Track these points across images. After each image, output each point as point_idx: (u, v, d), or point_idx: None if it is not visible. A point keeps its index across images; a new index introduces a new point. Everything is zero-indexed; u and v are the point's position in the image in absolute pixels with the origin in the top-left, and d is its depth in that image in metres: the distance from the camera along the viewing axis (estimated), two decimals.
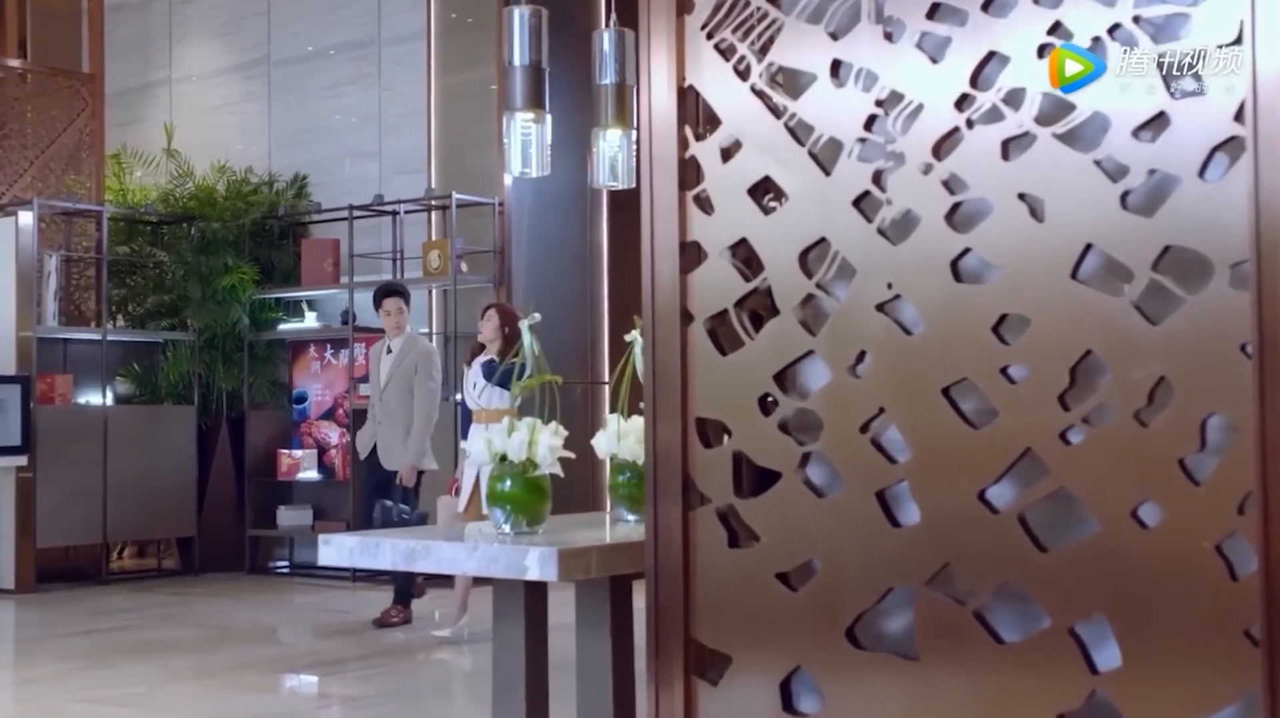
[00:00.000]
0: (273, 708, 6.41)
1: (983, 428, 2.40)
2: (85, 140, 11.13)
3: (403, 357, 8.57)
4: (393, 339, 8.64)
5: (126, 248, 11.31)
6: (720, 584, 2.67)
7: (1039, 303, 2.35)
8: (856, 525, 2.52)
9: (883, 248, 2.50)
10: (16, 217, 10.10)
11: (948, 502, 2.43)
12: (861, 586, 2.52)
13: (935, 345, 2.45)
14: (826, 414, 2.57)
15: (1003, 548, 2.37)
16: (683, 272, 2.71)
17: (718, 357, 2.68)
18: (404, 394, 8.53)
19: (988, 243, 2.40)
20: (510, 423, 3.26)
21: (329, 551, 3.27)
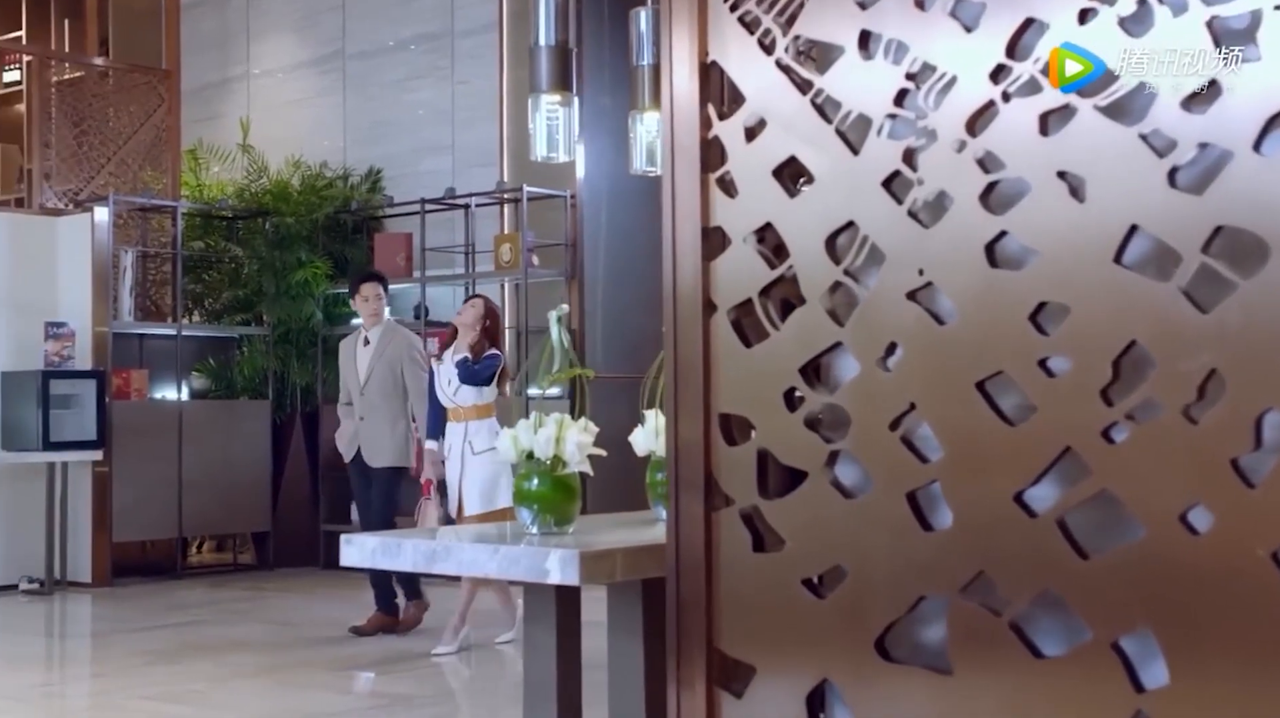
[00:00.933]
0: (322, 707, 6.33)
1: (1020, 425, 2.23)
2: (162, 136, 11.17)
3: (383, 347, 8.08)
4: (370, 329, 8.15)
5: (202, 243, 11.33)
6: (744, 590, 2.52)
7: (1080, 290, 2.17)
8: (886, 529, 2.35)
9: (914, 232, 2.33)
10: (93, 213, 10.15)
11: (982, 504, 2.26)
12: (891, 593, 2.35)
13: (969, 336, 2.28)
14: (854, 410, 2.41)
15: (1041, 554, 2.20)
16: (705, 259, 2.56)
17: (742, 349, 2.53)
18: (387, 387, 8.05)
19: (1025, 225, 2.22)
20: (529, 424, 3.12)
21: (350, 551, 3.16)
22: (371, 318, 8.10)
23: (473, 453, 7.32)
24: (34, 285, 10.11)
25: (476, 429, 7.34)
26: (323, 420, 11.05)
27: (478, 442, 7.32)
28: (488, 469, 7.24)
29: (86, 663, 7.99)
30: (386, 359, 8.02)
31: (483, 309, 7.46)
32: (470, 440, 7.35)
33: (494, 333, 7.51)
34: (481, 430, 7.33)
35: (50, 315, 10.01)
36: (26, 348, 9.89)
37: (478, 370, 7.26)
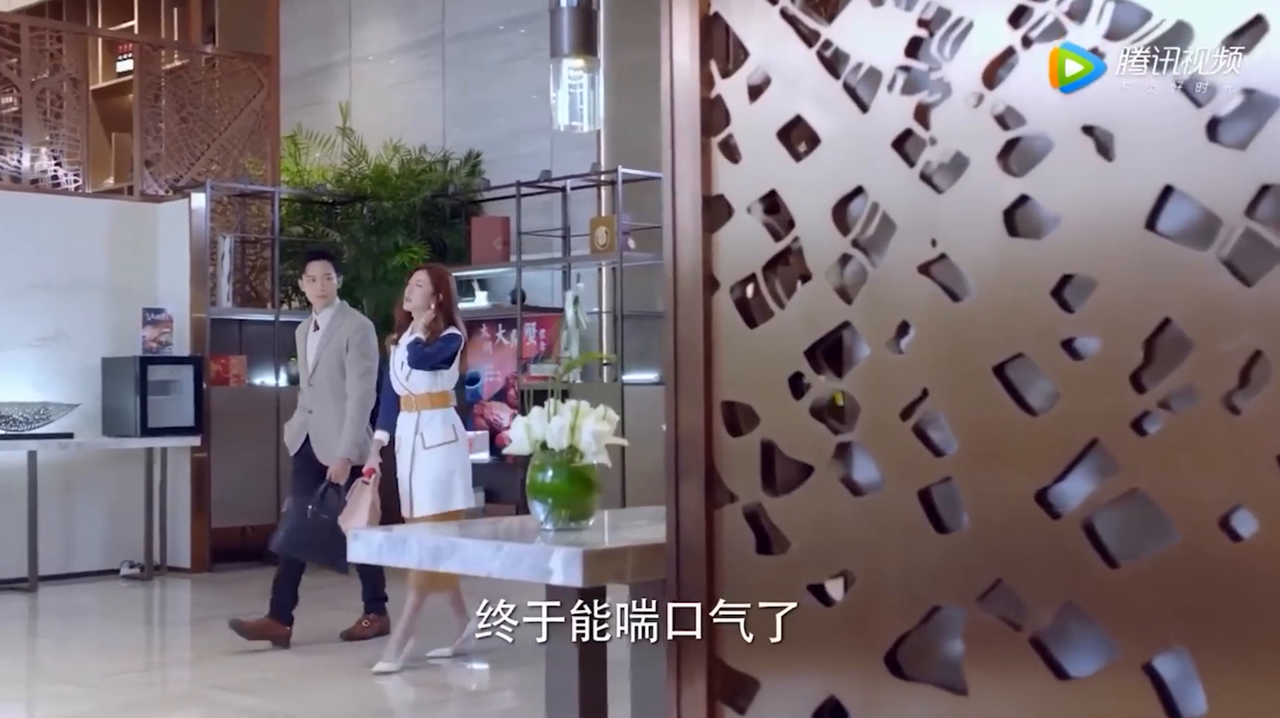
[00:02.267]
0: (385, 700, 6.20)
1: (1042, 415, 1.97)
2: (262, 122, 11.16)
3: (331, 333, 7.21)
4: (320, 312, 7.27)
5: (301, 229, 11.30)
6: (747, 596, 2.28)
7: (1108, 261, 1.90)
8: (897, 530, 2.11)
9: (926, 197, 2.08)
10: (190, 199, 10.15)
11: (1000, 504, 2.00)
12: (903, 602, 2.11)
13: (986, 315, 2.02)
14: (863, 397, 2.16)
15: (1064, 561, 1.94)
16: (707, 230, 2.33)
17: (745, 329, 2.29)
18: (335, 376, 7.18)
19: (1047, 188, 1.96)
20: (543, 412, 2.90)
21: (357, 546, 2.98)
22: (320, 299, 7.25)
23: (424, 447, 6.54)
24: (134, 272, 10.14)
25: (429, 420, 6.55)
26: None
27: (430, 434, 6.54)
28: (440, 465, 6.53)
29: (175, 650, 7.96)
30: (334, 346, 7.21)
31: (430, 285, 6.61)
32: (422, 432, 6.55)
33: (449, 308, 6.65)
34: (434, 421, 6.55)
35: (150, 302, 10.03)
36: (126, 334, 9.92)
37: (429, 354, 6.49)
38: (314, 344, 7.23)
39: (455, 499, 6.54)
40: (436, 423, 6.54)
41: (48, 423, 9.40)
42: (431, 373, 6.50)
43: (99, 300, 9.91)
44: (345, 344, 7.16)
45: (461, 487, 6.59)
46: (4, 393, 9.41)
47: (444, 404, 6.57)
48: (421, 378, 6.50)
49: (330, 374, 7.18)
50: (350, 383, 7.11)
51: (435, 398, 6.55)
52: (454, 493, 6.54)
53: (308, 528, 6.89)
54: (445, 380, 6.57)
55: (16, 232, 9.59)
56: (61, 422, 9.48)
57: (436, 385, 6.55)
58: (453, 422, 6.59)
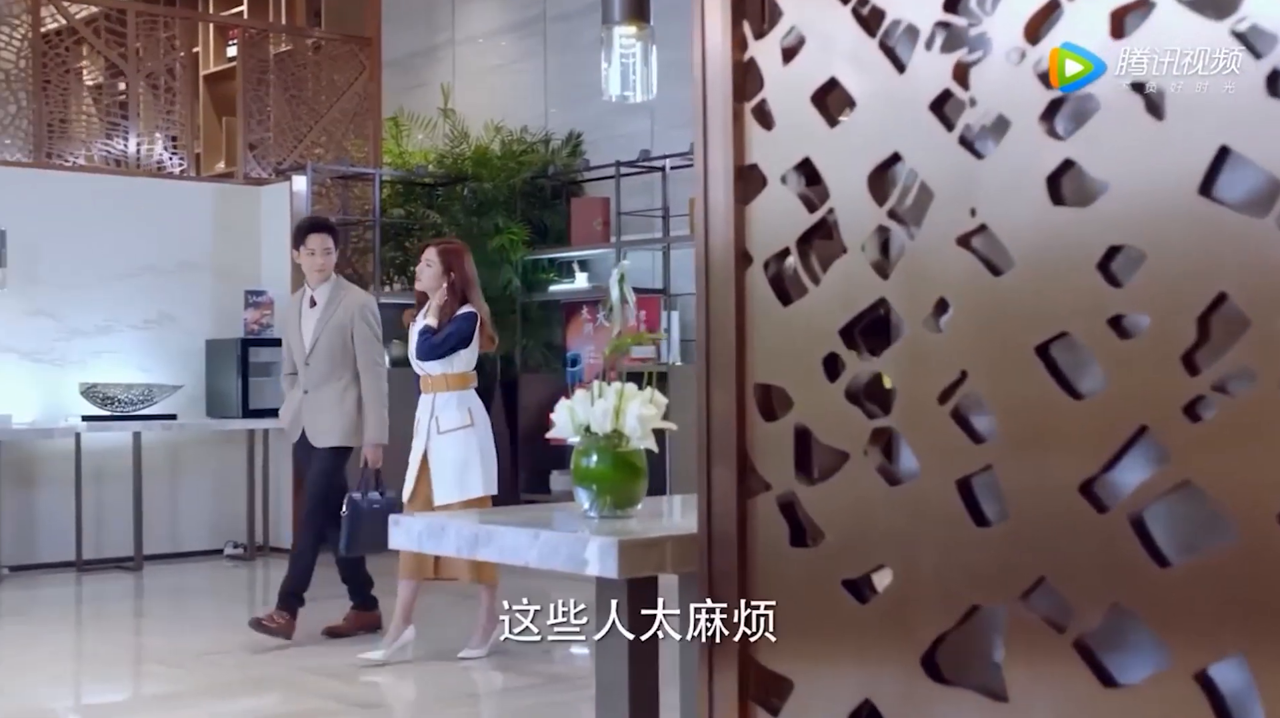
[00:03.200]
0: (472, 686, 6.14)
1: (1087, 399, 1.80)
2: (364, 105, 11.17)
3: (331, 309, 6.82)
4: (316, 287, 6.86)
5: (401, 210, 11.30)
6: (780, 591, 2.15)
7: (1158, 230, 1.73)
8: (934, 523, 1.96)
9: (965, 164, 1.92)
10: (291, 181, 10.18)
11: (1042, 496, 1.84)
12: (940, 600, 1.95)
13: (1028, 290, 1.86)
14: (899, 379, 2.01)
15: (1111, 559, 1.77)
16: (739, 201, 2.19)
17: (779, 308, 2.15)
18: (335, 355, 6.80)
19: (1093, 151, 1.79)
20: (586, 394, 2.78)
21: (398, 533, 2.89)
22: (317, 274, 6.87)
23: (438, 431, 6.22)
24: (238, 254, 10.20)
25: (445, 403, 6.22)
26: (521, 390, 10.92)
27: (445, 418, 6.22)
28: (457, 451, 6.19)
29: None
30: (335, 323, 6.82)
31: (440, 264, 6.25)
32: (437, 416, 6.23)
33: (464, 285, 6.29)
34: (450, 405, 6.21)
35: (252, 284, 10.09)
36: (229, 316, 9.99)
37: (436, 344, 6.16)
38: (311, 321, 6.86)
39: (474, 486, 6.23)
40: (452, 406, 6.22)
41: (152, 404, 9.49)
42: (450, 354, 6.19)
43: (203, 283, 9.99)
44: (350, 321, 6.82)
45: (481, 473, 6.26)
46: (110, 374, 9.52)
47: (461, 386, 6.26)
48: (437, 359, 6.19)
49: (330, 354, 6.81)
50: (364, 364, 6.80)
51: (452, 379, 6.22)
52: (472, 480, 6.23)
53: (369, 521, 6.53)
54: (462, 361, 6.25)
55: (124, 215, 9.69)
56: (165, 403, 9.57)
57: (453, 366, 6.23)
58: (470, 405, 6.27)
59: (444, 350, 6.16)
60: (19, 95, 9.70)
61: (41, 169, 9.63)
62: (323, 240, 6.87)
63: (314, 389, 6.85)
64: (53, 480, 9.37)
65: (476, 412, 6.30)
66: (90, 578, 9.14)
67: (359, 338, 6.80)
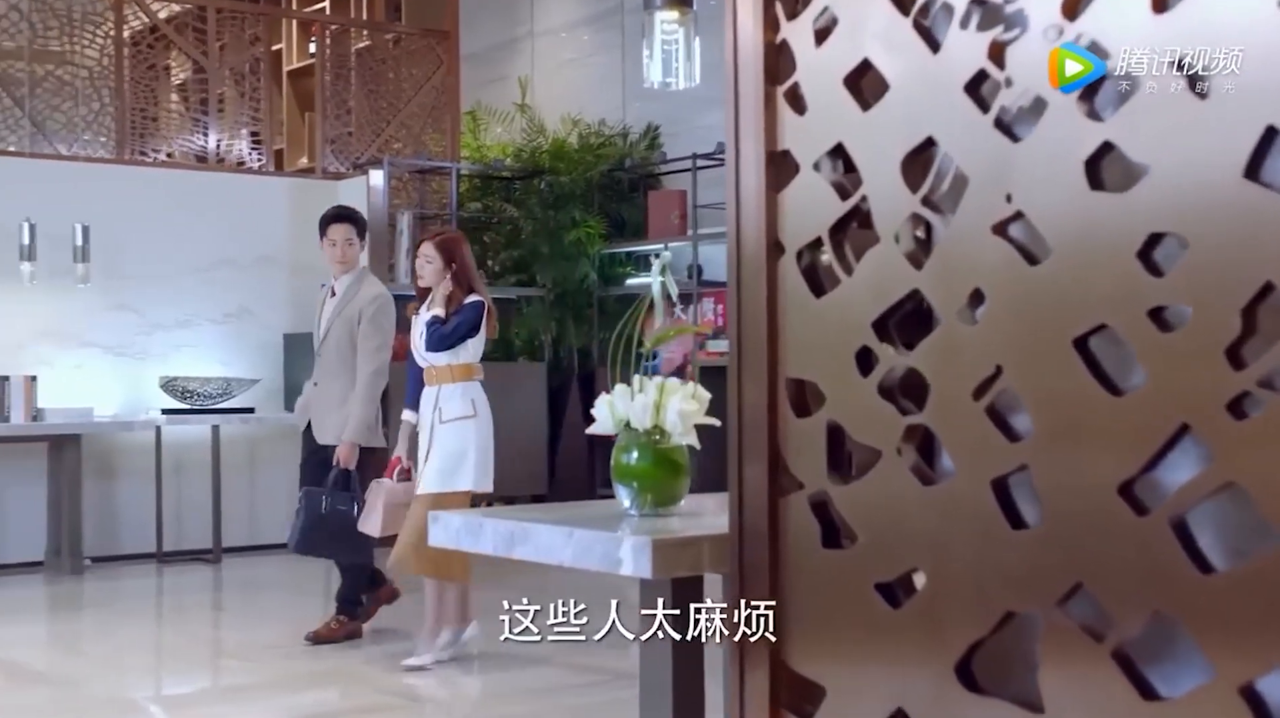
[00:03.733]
0: (545, 681, 6.09)
1: (1127, 395, 1.71)
2: (441, 99, 11.18)
3: (345, 302, 6.64)
4: (339, 278, 6.74)
5: (479, 204, 11.29)
6: (813, 593, 2.07)
7: (1200, 215, 1.63)
8: (968, 524, 1.87)
9: (1001, 147, 1.83)
10: (368, 175, 10.21)
11: (1079, 497, 1.74)
12: (974, 605, 1.86)
13: (1065, 280, 1.76)
14: (932, 374, 1.92)
15: (1151, 564, 1.67)
16: (771, 189, 2.11)
17: (812, 300, 2.07)
18: (344, 349, 6.59)
19: (1133, 132, 1.70)
20: (626, 389, 2.71)
21: (437, 529, 2.84)
22: (339, 265, 6.74)
23: (440, 422, 6.00)
24: (315, 248, 10.17)
25: (449, 394, 6.03)
26: (598, 384, 10.87)
27: (448, 408, 6.01)
28: (453, 442, 5.97)
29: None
30: (345, 316, 6.61)
31: (440, 259, 6.05)
32: (440, 407, 6.02)
33: (467, 275, 6.13)
34: (454, 396, 6.01)
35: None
36: (306, 310, 10.01)
37: (446, 334, 5.98)
38: (328, 312, 6.73)
39: (461, 479, 5.97)
40: (456, 397, 6.03)
41: (230, 398, 9.56)
42: (458, 345, 6.04)
43: (281, 277, 10.04)
44: (358, 316, 6.59)
45: (474, 467, 5.99)
46: (189, 368, 9.60)
47: (466, 377, 6.08)
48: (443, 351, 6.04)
49: (339, 346, 6.61)
50: (360, 359, 6.55)
51: (456, 370, 6.07)
52: (461, 472, 5.96)
53: (322, 523, 6.32)
54: (468, 352, 6.09)
55: (204, 211, 9.77)
56: (243, 397, 9.63)
57: (458, 357, 6.07)
58: (473, 396, 6.08)
59: (454, 340, 6.02)
60: (102, 93, 9.81)
61: (124, 165, 9.73)
62: (344, 231, 6.73)
63: (323, 382, 6.67)
64: (133, 473, 9.47)
65: (480, 404, 6.11)
66: (170, 570, 9.23)
67: (361, 331, 6.57)
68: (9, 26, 9.55)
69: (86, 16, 9.78)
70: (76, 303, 9.25)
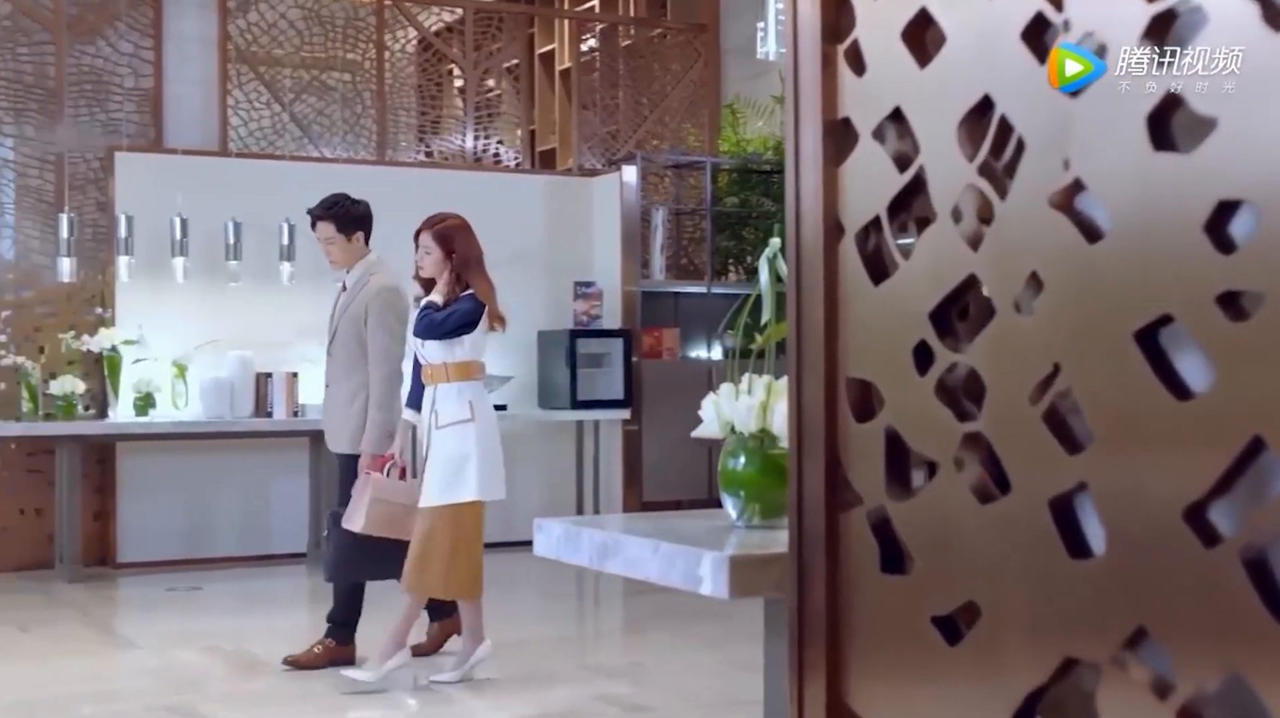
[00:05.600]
0: None
1: (1193, 400, 1.40)
2: (700, 93, 11.04)
3: (353, 296, 6.11)
4: (348, 272, 6.18)
5: (736, 199, 11.11)
6: (873, 625, 1.80)
7: (1274, 179, 1.31)
8: (1025, 551, 1.58)
9: (1058, 104, 1.53)
10: (621, 171, 10.15)
11: (1141, 522, 1.44)
12: (1032, 648, 1.58)
13: (1124, 260, 1.46)
14: (988, 373, 1.64)
15: (1221, 606, 1.36)
16: (831, 163, 1.85)
17: (871, 289, 1.81)
18: (351, 348, 6.06)
19: (1201, 80, 1.39)
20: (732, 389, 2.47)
21: (541, 538, 2.66)
22: (334, 266, 6.25)
23: (436, 426, 5.59)
24: (569, 245, 10.26)
25: (445, 395, 5.59)
26: None
27: (444, 411, 5.58)
28: (450, 448, 5.54)
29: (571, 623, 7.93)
30: (353, 313, 6.09)
31: (439, 249, 5.63)
32: (436, 409, 5.61)
33: (468, 267, 5.68)
34: (450, 397, 5.58)
35: (584, 275, 10.12)
36: (560, 307, 10.05)
37: (438, 322, 5.53)
38: (338, 310, 6.24)
39: (463, 489, 5.54)
40: (451, 398, 5.60)
41: None
42: (446, 341, 5.59)
43: (536, 274, 10.08)
44: (364, 313, 6.06)
45: (477, 475, 5.56)
46: None
47: (463, 377, 5.62)
48: (436, 346, 5.60)
49: (346, 345, 6.11)
50: (371, 362, 6.02)
51: (453, 370, 5.60)
52: (464, 482, 5.53)
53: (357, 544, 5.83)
54: (465, 349, 5.63)
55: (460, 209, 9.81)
56: (498, 394, 9.68)
57: (455, 355, 5.61)
58: (470, 397, 5.63)
59: (446, 329, 5.57)
60: (364, 96, 10.03)
61: (384, 166, 9.92)
62: (323, 230, 6.17)
63: (332, 384, 6.23)
64: None
65: (479, 405, 5.67)
66: None
67: (370, 326, 6.04)
68: (278, 35, 9.86)
69: (349, 22, 10.01)
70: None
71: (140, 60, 9.45)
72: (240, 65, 9.75)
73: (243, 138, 9.71)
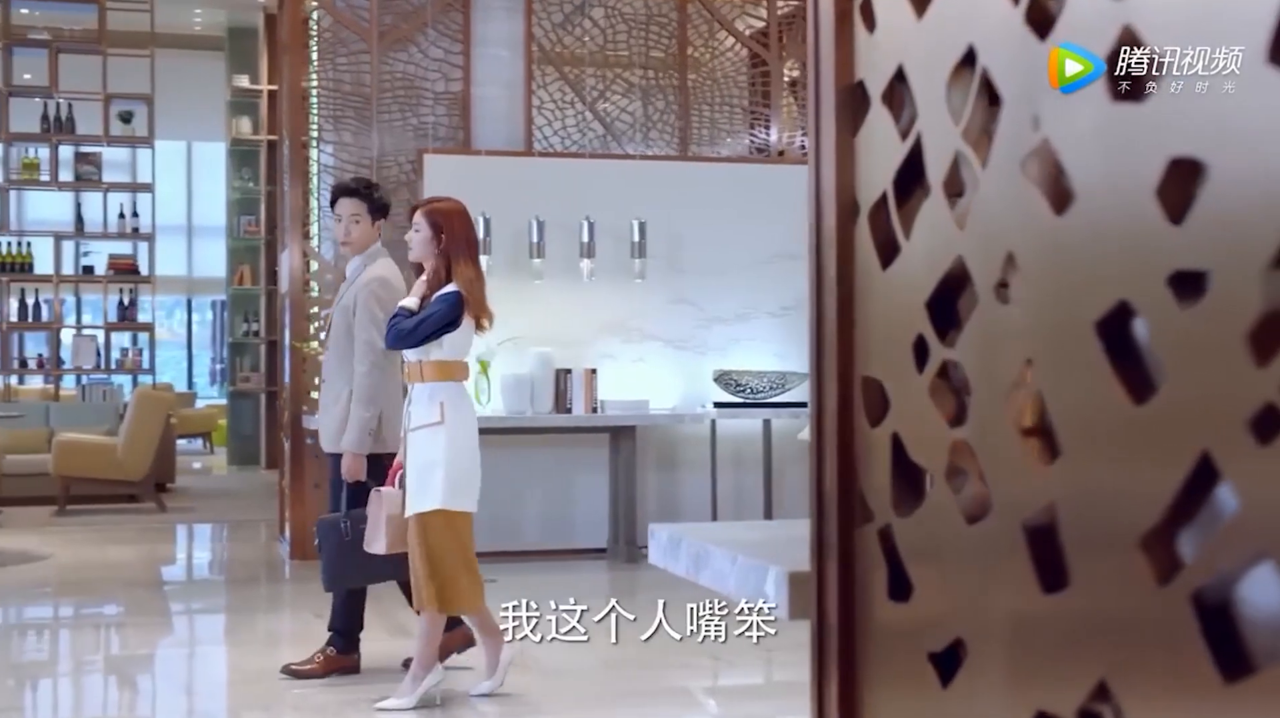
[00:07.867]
0: None
1: (1147, 403, 1.15)
2: None
3: (348, 287, 5.77)
4: (350, 261, 5.87)
5: None
6: (881, 660, 1.59)
7: (1217, 128, 1.06)
8: (1002, 580, 1.34)
9: (1033, 53, 1.29)
10: None
11: (1100, 551, 1.20)
12: (1008, 696, 1.34)
13: (1085, 234, 1.22)
14: (971, 371, 1.40)
15: (1173, 654, 1.11)
16: (846, 133, 1.64)
17: (880, 274, 1.59)
18: (341, 343, 5.73)
19: (1151, 13, 1.13)
20: None
21: (653, 545, 2.51)
22: (345, 245, 5.91)
23: (410, 429, 5.19)
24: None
25: (418, 397, 5.16)
26: None
27: (415, 413, 5.16)
28: (421, 454, 5.11)
29: None
30: (344, 304, 5.75)
31: (429, 229, 5.16)
32: (410, 411, 5.20)
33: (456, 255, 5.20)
34: (421, 399, 5.15)
35: None
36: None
37: (406, 331, 5.08)
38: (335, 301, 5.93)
39: (428, 497, 5.10)
40: (423, 400, 5.16)
41: (784, 392, 9.48)
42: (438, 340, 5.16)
43: None
44: (354, 304, 5.70)
45: (442, 483, 5.10)
46: (745, 362, 9.61)
47: (437, 377, 5.15)
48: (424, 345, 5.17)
49: (337, 340, 5.77)
50: (355, 357, 5.68)
51: (427, 369, 5.16)
52: (429, 489, 5.10)
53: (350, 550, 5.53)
54: (441, 349, 5.17)
55: (761, 204, 9.74)
56: (797, 391, 9.51)
57: (429, 354, 5.15)
58: (442, 399, 5.16)
59: (417, 339, 5.12)
60: (666, 92, 10.03)
61: (685, 162, 9.89)
62: (351, 206, 5.83)
63: (326, 380, 5.92)
64: (690, 465, 9.61)
65: (451, 408, 5.18)
66: None
67: (356, 319, 5.68)
68: (581, 35, 9.96)
69: (652, 19, 10.03)
70: (634, 298, 9.49)
71: (450, 65, 9.71)
72: (544, 66, 9.90)
73: (547, 137, 9.85)
